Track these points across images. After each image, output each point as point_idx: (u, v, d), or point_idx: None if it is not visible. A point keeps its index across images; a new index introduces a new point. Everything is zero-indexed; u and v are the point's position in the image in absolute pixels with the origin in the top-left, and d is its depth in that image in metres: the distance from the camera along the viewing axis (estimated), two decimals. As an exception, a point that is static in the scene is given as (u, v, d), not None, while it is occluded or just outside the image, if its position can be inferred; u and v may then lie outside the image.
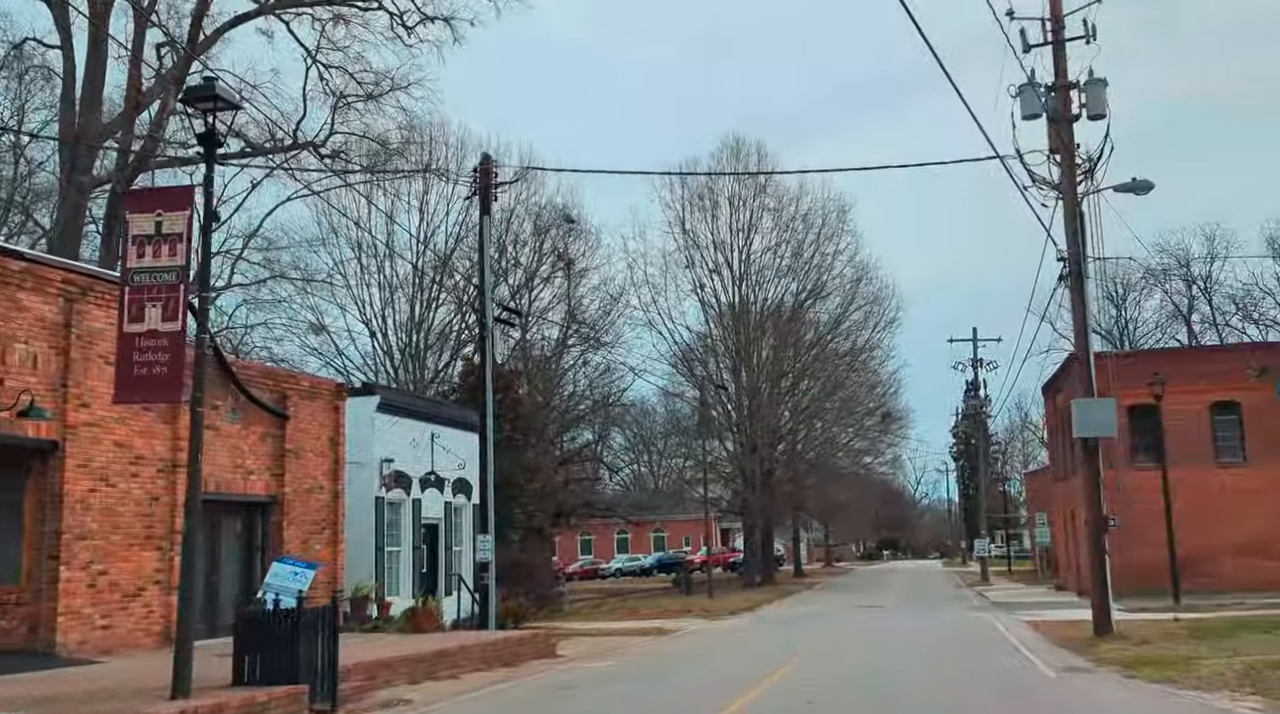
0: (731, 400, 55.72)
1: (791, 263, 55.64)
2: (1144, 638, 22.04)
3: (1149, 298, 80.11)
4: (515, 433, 37.90)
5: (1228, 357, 40.82)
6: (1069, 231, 23.62)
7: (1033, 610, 33.57)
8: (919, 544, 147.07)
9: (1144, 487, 40.09)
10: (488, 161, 24.26)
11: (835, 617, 34.06)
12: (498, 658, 19.95)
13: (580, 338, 62.13)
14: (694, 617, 35.02)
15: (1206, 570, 38.84)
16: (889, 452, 73.35)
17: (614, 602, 45.46)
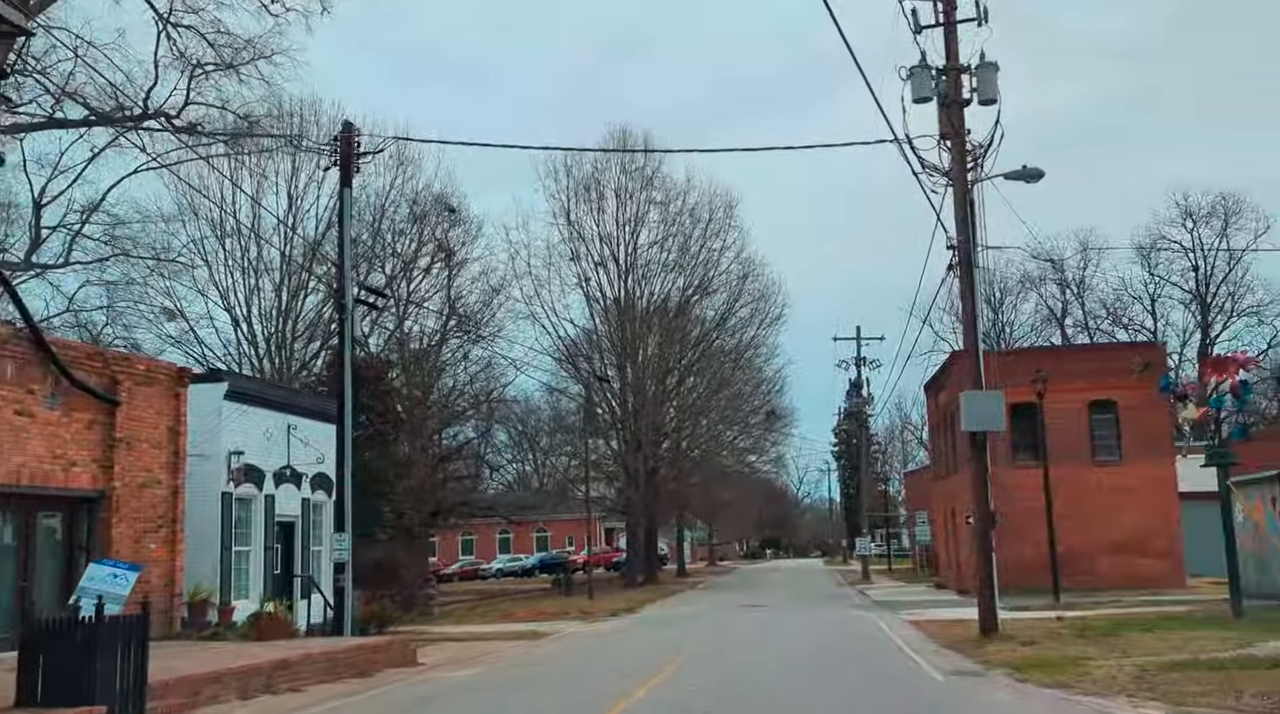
0: (616, 396, 54.38)
1: (678, 258, 54.58)
2: (1030, 638, 21.30)
3: (1025, 302, 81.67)
4: (386, 426, 35.89)
5: (1105, 356, 41.05)
6: (959, 218, 22.80)
7: (915, 609, 32.93)
8: (801, 543, 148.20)
9: (1024, 485, 39.96)
10: (350, 129, 22.38)
11: (717, 617, 32.93)
12: (349, 667, 18.13)
13: (461, 331, 60.24)
14: (571, 619, 33.51)
15: (1083, 568, 38.88)
16: (773, 450, 73.09)
17: (490, 603, 43.69)
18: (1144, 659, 16.94)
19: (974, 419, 22.29)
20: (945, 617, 29.05)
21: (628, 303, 54.31)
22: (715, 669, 18.76)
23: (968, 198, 22.88)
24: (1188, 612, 26.60)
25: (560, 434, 68.38)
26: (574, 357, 54.32)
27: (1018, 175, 23.22)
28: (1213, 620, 23.18)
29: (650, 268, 54.60)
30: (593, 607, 38.10)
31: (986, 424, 22.33)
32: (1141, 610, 28.04)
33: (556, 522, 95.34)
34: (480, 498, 62.93)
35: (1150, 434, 39.25)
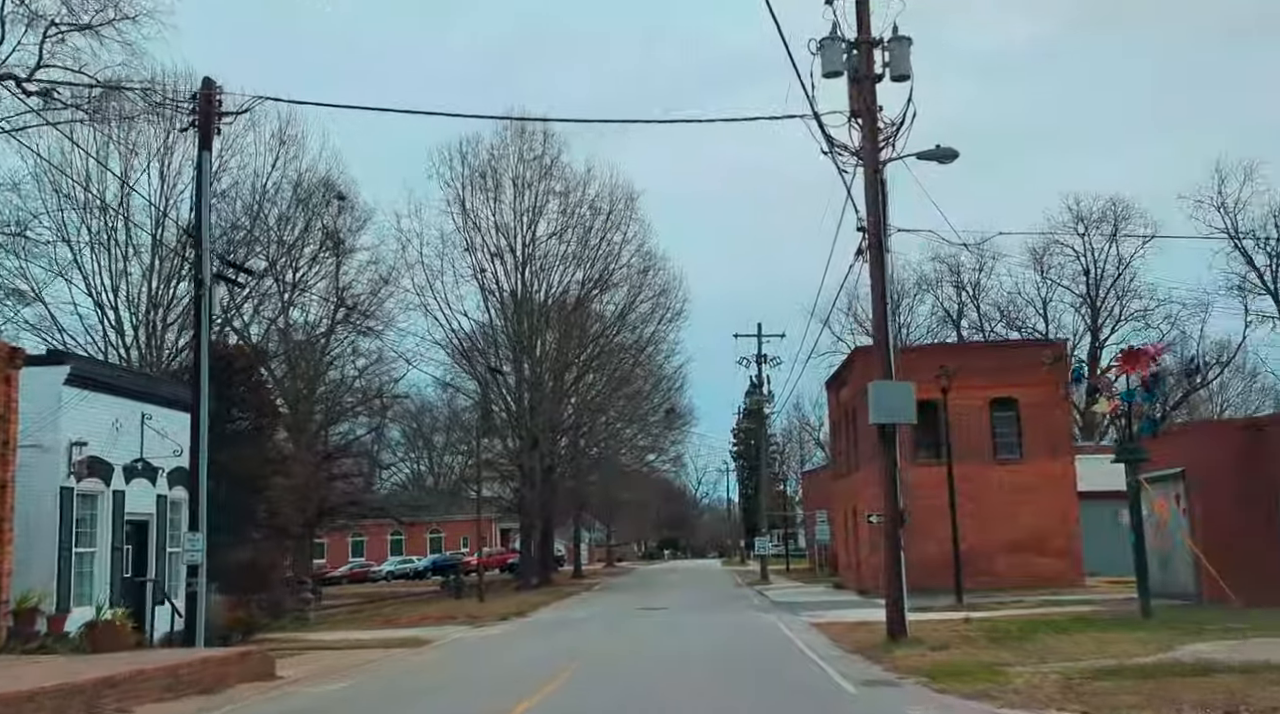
0: (512, 392, 52.35)
1: (578, 250, 52.84)
2: (940, 642, 20.07)
3: (921, 303, 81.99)
4: (262, 420, 33.41)
5: (1007, 353, 40.46)
6: (869, 198, 21.50)
7: (816, 611, 31.71)
8: (699, 543, 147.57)
9: (926, 483, 39.12)
10: (210, 86, 20.10)
11: (613, 620, 31.25)
12: (193, 684, 15.96)
13: (349, 322, 57.54)
14: (458, 623, 31.50)
15: (984, 568, 38.21)
16: (672, 449, 71.70)
17: (375, 608, 41.39)
18: (1064, 665, 15.74)
19: (883, 410, 21.01)
20: (848, 619, 27.85)
21: (525, 296, 52.37)
22: (610, 681, 17.07)
23: (879, 178, 21.61)
24: (1094, 612, 25.80)
25: (455, 431, 66.22)
26: (469, 351, 52.15)
27: (931, 155, 22.01)
28: (1123, 622, 22.30)
29: (549, 260, 52.80)
30: (482, 610, 36.12)
31: (896, 416, 21.07)
32: (1046, 611, 27.20)
33: (451, 522, 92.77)
34: (369, 498, 60.30)
35: (1050, 433, 38.83)
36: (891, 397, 20.93)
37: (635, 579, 65.98)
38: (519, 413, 51.77)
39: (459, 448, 63.68)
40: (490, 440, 56.03)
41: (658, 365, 59.57)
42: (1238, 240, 73.65)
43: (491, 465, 54.27)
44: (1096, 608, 27.21)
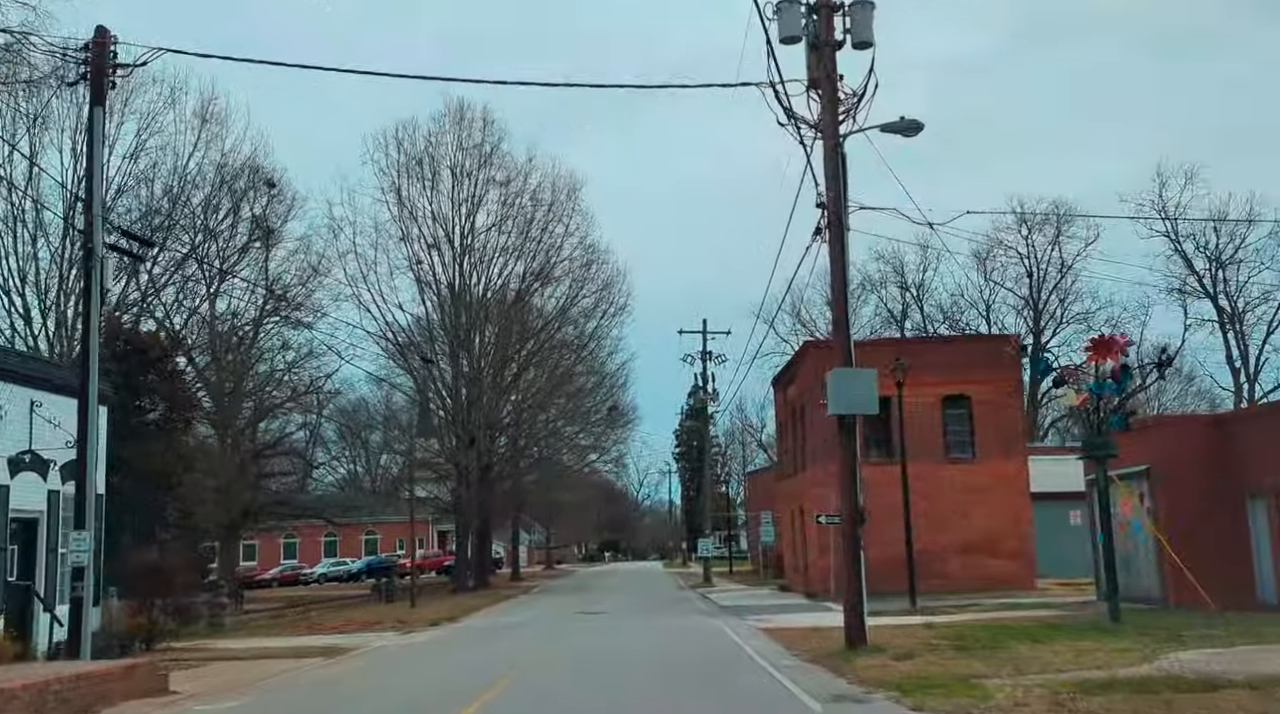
0: (448, 387, 50.22)
1: (518, 242, 50.84)
2: (904, 650, 18.51)
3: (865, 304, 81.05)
4: (175, 413, 31.06)
5: (959, 349, 39.29)
6: (828, 172, 19.90)
7: (764, 615, 30.12)
8: (640, 546, 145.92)
9: (878, 482, 37.67)
10: (103, 35, 17.95)
11: (551, 626, 29.39)
12: (65, 703, 13.86)
13: (279, 313, 55.02)
14: (385, 629, 29.43)
15: (935, 570, 36.94)
16: (614, 449, 69.85)
17: (300, 612, 39.10)
18: (1045, 678, 14.22)
19: (843, 401, 19.41)
20: (799, 624, 26.27)
21: (463, 288, 50.29)
22: (547, 697, 15.24)
23: (839, 152, 20.04)
24: (1058, 617, 24.43)
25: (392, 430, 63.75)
26: (404, 346, 49.94)
27: (895, 127, 20.49)
28: (1093, 627, 20.92)
29: (488, 252, 50.76)
30: (412, 615, 34.04)
31: (857, 406, 19.49)
32: (1007, 615, 25.84)
33: (387, 524, 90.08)
34: (299, 498, 57.73)
35: (1003, 431, 37.68)
36: (852, 386, 19.36)
37: (575, 582, 64.06)
38: (455, 409, 49.65)
39: (395, 447, 61.26)
40: (426, 440, 53.91)
41: (600, 362, 57.78)
42: (1178, 243, 73.74)
43: (427, 465, 52.09)
44: (1058, 612, 25.87)
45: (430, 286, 50.04)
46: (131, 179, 40.85)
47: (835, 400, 19.34)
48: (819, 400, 39.79)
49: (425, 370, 46.27)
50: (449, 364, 50.24)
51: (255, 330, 54.84)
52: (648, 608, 36.58)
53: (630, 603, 39.82)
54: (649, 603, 39.71)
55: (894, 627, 22.56)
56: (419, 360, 44.14)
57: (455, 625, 31.34)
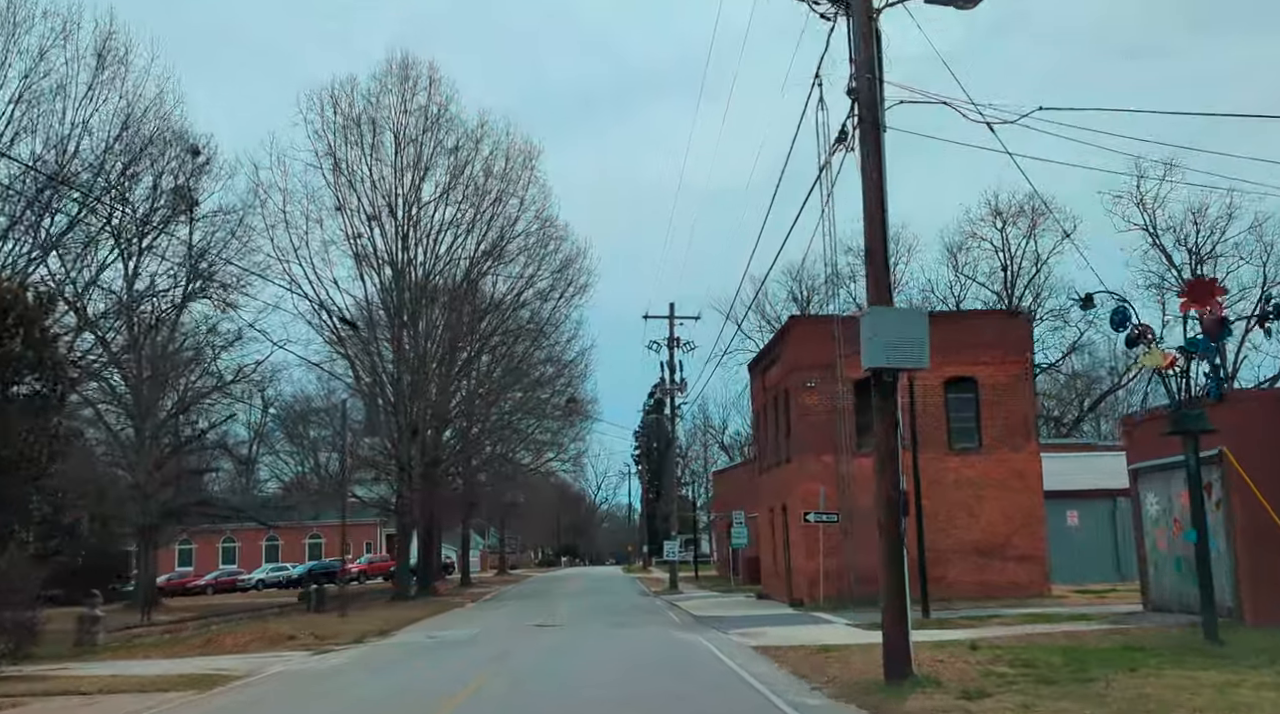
0: (389, 372, 44.70)
1: (469, 216, 45.47)
2: (964, 683, 13.53)
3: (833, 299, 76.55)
4: (43, 388, 25.39)
5: (965, 326, 34.39)
6: (860, 58, 14.89)
7: (751, 629, 25.03)
8: (598, 551, 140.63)
9: (868, 478, 32.83)
10: None
11: (498, 642, 24.11)
12: None
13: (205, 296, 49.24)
14: (295, 647, 24.02)
15: (937, 575, 32.10)
16: (573, 447, 64.40)
17: (207, 624, 33.42)
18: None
19: (882, 349, 14.30)
20: (798, 639, 21.25)
21: (406, 265, 44.84)
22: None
23: (874, 26, 15.04)
24: (1114, 632, 19.53)
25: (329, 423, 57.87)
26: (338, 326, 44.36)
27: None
28: (1192, 650, 16.02)
29: (435, 225, 45.35)
30: (336, 629, 28.59)
31: (903, 356, 14.35)
32: (1047, 630, 20.97)
33: (331, 526, 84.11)
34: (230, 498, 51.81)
35: (1014, 419, 32.94)
36: (896, 327, 14.27)
37: (530, 588, 58.59)
38: (397, 398, 44.11)
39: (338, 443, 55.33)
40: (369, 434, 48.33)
41: (559, 349, 52.47)
42: (1156, 237, 70.20)
43: (368, 461, 46.55)
44: (1106, 626, 21.00)
45: (369, 262, 44.54)
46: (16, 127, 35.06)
47: (872, 349, 14.27)
48: (807, 382, 35.06)
49: (351, 334, 40.45)
50: (391, 347, 44.74)
51: (178, 313, 49.16)
52: (613, 619, 31.37)
53: (592, 612, 34.61)
54: (614, 613, 34.49)
55: (928, 646, 17.55)
56: (342, 322, 38.47)
57: (384, 642, 25.94)
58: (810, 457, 32.71)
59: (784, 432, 35.14)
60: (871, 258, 14.69)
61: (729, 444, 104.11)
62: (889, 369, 14.43)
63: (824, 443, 32.54)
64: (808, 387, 32.80)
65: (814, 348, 32.83)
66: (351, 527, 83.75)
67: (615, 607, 37.76)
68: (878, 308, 14.40)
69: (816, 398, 32.81)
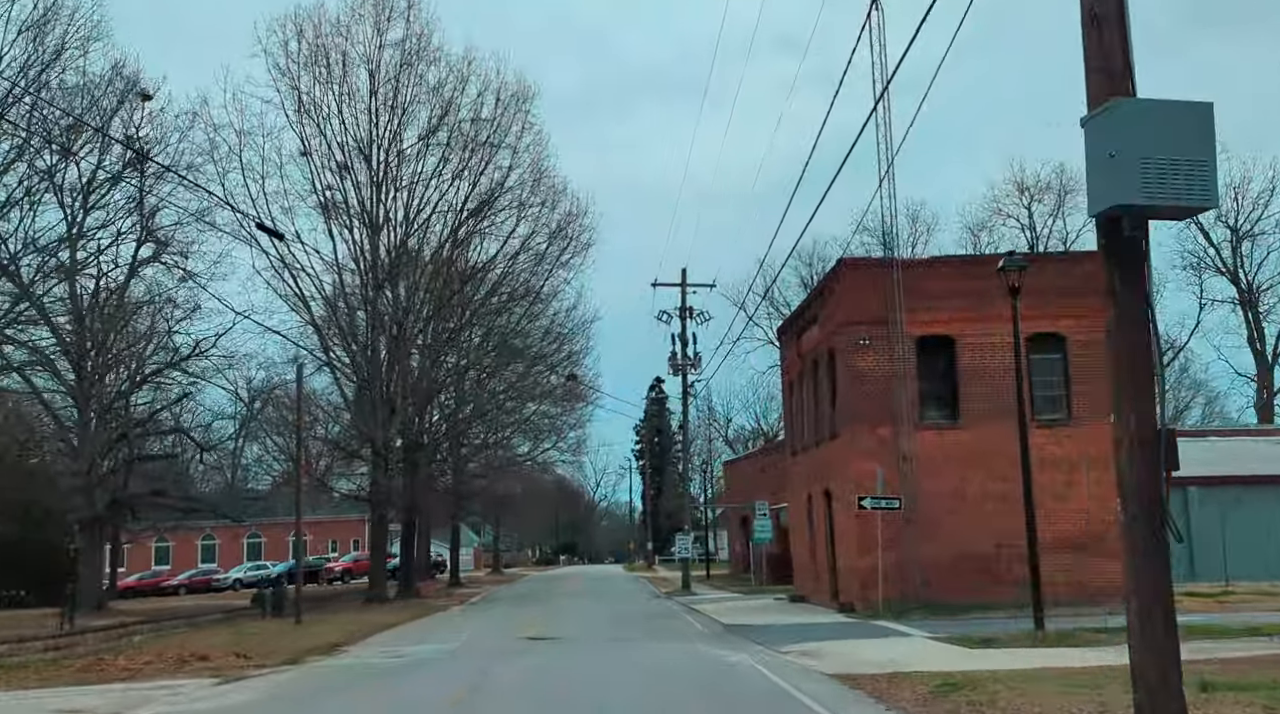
0: (360, 342, 38.21)
1: (453, 162, 39.05)
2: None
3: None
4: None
5: (1053, 270, 27.75)
6: None
7: (806, 644, 18.71)
8: (598, 549, 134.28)
9: (934, 454, 26.61)
10: None
11: (478, 665, 17.76)
12: None
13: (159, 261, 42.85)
14: (202, 671, 17.61)
15: (1013, 574, 25.86)
16: (573, 434, 57.78)
17: (126, 633, 27.00)
18: None
19: (1133, 173, 7.69)
20: (882, 661, 15.07)
21: (383, 219, 38.44)
22: None
23: None
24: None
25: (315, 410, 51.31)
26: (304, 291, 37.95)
27: None
28: None
29: (415, 175, 38.94)
30: (277, 643, 22.16)
31: (1176, 185, 7.73)
32: (1255, 652, 14.61)
33: (318, 523, 77.94)
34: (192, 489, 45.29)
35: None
36: (1156, 132, 7.70)
37: (526, 588, 52.15)
38: (372, 370, 37.60)
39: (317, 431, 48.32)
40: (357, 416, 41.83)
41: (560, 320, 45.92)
42: (1194, 214, 63.82)
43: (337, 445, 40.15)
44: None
45: (340, 216, 38.09)
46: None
47: (1111, 176, 7.74)
48: (860, 339, 28.75)
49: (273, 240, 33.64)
50: (365, 314, 38.30)
51: (127, 278, 42.74)
52: (623, 629, 24.96)
53: (596, 620, 28.21)
54: (623, 620, 28.09)
55: (1095, 678, 11.15)
56: (257, 227, 31.59)
57: (327, 663, 19.48)
58: (863, 430, 26.36)
59: (827, 402, 28.75)
60: (1101, 23, 8.25)
61: (733, 438, 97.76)
62: (1145, 210, 7.95)
63: (880, 413, 26.24)
64: (860, 345, 26.43)
65: (868, 298, 26.54)
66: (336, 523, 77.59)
67: (624, 613, 31.34)
68: (1125, 102, 7.91)
69: (872, 359, 26.46)
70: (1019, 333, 20.29)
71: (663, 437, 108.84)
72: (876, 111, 23.97)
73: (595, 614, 30.58)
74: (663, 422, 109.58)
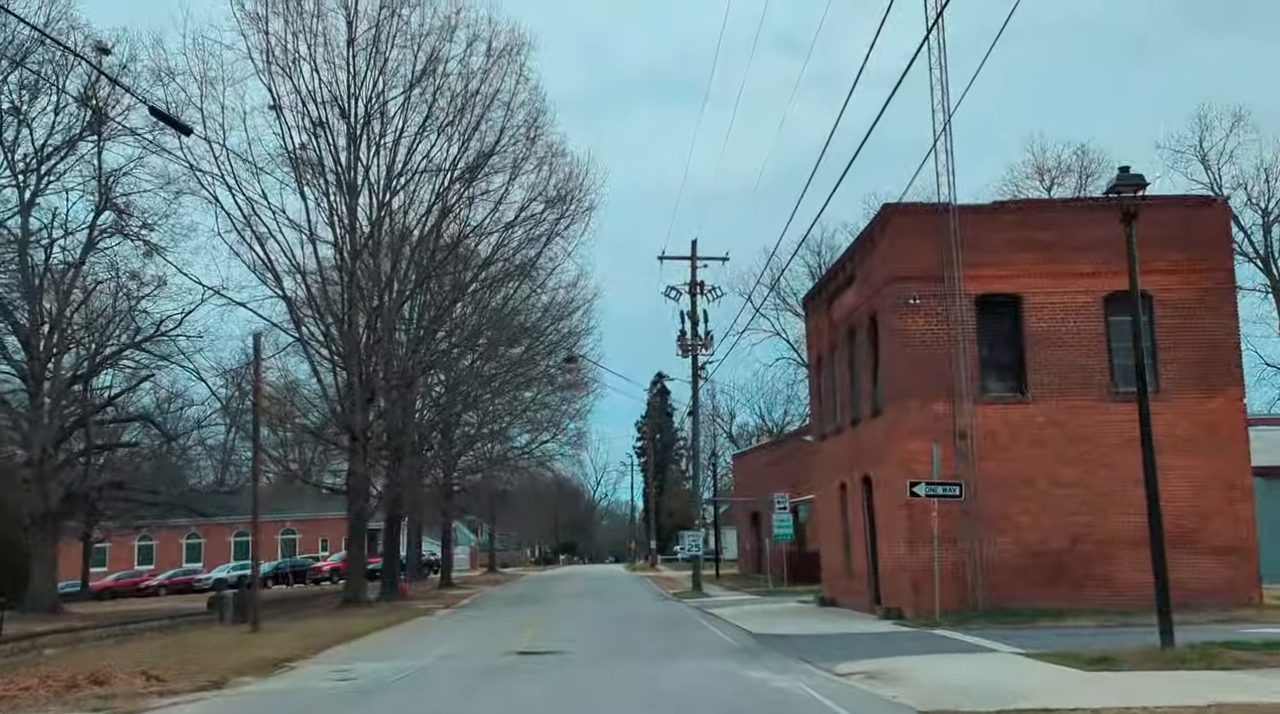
0: (335, 315, 33.92)
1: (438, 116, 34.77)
2: None
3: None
4: None
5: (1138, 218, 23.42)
6: None
7: (870, 663, 14.52)
8: (598, 549, 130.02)
9: (998, 431, 22.36)
10: None
11: (441, 692, 13.53)
12: None
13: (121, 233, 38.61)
14: (97, 700, 13.38)
15: (1094, 573, 21.87)
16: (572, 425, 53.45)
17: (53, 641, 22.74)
18: None
19: None
20: (993, 687, 10.86)
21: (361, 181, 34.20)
22: None
23: None
24: None
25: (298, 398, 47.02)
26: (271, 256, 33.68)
27: None
28: None
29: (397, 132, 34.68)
30: (211, 659, 17.91)
31: None
32: None
33: (310, 520, 73.82)
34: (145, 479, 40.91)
35: (1205, 351, 22.34)
36: None
37: (523, 589, 47.86)
38: (348, 350, 33.29)
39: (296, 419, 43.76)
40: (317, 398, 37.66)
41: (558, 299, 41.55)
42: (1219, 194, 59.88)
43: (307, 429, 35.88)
44: None
45: (315, 178, 33.81)
46: None
47: None
48: (909, 298, 24.39)
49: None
50: (343, 289, 34.04)
51: (84, 251, 38.46)
52: (633, 640, 20.67)
53: (600, 628, 23.93)
54: (631, 628, 23.80)
55: None
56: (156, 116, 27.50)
57: (257, 688, 15.23)
58: (913, 405, 22.11)
59: (868, 376, 24.49)
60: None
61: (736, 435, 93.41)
62: None
63: (932, 385, 22.01)
64: (910, 305, 22.17)
65: (918, 250, 22.31)
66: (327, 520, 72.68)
67: (631, 618, 27.04)
68: None
69: (923, 321, 22.21)
70: (1136, 275, 15.91)
71: (665, 433, 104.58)
72: (929, 43, 19.71)
73: (598, 620, 26.31)
74: (665, 417, 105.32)
